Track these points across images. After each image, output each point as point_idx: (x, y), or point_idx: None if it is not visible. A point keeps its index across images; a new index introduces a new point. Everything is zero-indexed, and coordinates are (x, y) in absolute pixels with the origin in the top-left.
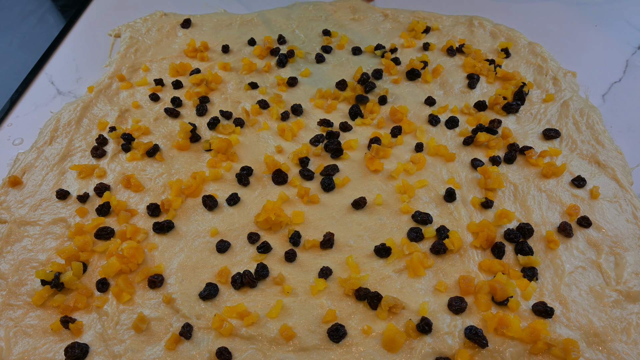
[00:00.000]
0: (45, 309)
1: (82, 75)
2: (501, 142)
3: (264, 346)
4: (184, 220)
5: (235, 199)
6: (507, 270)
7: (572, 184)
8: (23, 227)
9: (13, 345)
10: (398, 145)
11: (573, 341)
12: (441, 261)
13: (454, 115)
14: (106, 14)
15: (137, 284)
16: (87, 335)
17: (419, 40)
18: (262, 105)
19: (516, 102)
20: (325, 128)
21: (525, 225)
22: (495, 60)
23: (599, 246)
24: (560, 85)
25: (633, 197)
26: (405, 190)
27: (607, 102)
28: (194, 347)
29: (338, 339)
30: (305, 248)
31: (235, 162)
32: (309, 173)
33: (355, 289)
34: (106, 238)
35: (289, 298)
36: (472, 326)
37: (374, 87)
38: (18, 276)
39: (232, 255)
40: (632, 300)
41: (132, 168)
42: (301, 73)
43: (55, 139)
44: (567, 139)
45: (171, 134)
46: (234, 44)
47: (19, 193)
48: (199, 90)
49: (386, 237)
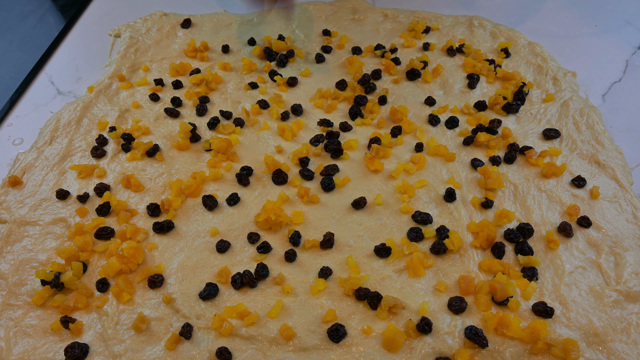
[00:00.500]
0: (45, 309)
1: (82, 75)
2: (501, 142)
3: (264, 346)
4: (184, 220)
5: (235, 199)
6: (507, 270)
7: (572, 184)
8: (23, 227)
9: (13, 345)
10: (398, 145)
11: (573, 341)
12: (441, 261)
13: (454, 115)
14: (106, 14)
15: (137, 284)
16: (87, 335)
17: (419, 40)
18: (262, 105)
19: (516, 102)
20: (325, 128)
21: (525, 225)
22: (495, 60)
23: (599, 246)
24: (560, 85)
25: (633, 197)
26: (405, 190)
27: (607, 102)
28: (194, 347)
29: (338, 339)
30: (305, 248)
31: (235, 162)
32: (309, 173)
33: (355, 289)
34: (106, 238)
35: (289, 298)
36: (472, 326)
37: (374, 88)
38: (18, 276)
39: (232, 255)
40: (632, 300)
41: (132, 168)
42: (301, 73)
43: (55, 139)
44: (567, 139)
45: (171, 134)
46: (234, 44)
47: (19, 193)
48: (199, 90)
49: (386, 237)
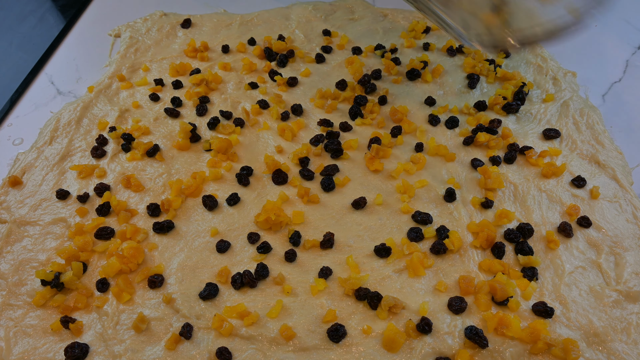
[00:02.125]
0: (45, 309)
1: (82, 75)
2: (501, 142)
3: (264, 346)
4: (184, 220)
5: (235, 199)
6: (507, 270)
7: (572, 184)
8: (23, 227)
9: (13, 345)
10: (398, 145)
11: (573, 341)
12: (441, 261)
13: (454, 115)
14: (106, 14)
15: (137, 284)
16: (87, 335)
17: (419, 40)
18: (262, 105)
19: (516, 102)
20: (325, 128)
21: (525, 225)
22: (495, 60)
23: (599, 246)
24: (560, 85)
25: (633, 197)
26: (405, 190)
27: (607, 102)
28: (194, 347)
29: (338, 339)
30: (305, 248)
31: (235, 162)
32: (309, 173)
33: (355, 289)
34: (106, 238)
35: (289, 298)
36: (472, 326)
37: (374, 88)
38: (18, 276)
39: (232, 255)
40: (632, 300)
41: (132, 168)
42: (301, 73)
43: (55, 139)
44: (567, 139)
45: (171, 134)
46: (234, 44)
47: (19, 193)
48: (199, 90)
49: (386, 237)
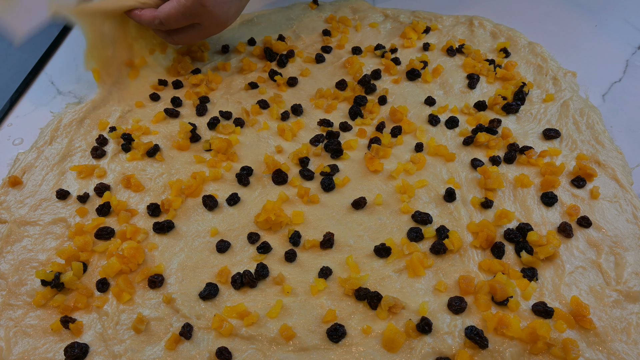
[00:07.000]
0: (45, 309)
1: (82, 76)
2: (501, 142)
3: (264, 346)
4: (184, 220)
5: (235, 199)
6: (507, 270)
7: (572, 184)
8: (23, 227)
9: (13, 345)
10: (398, 145)
11: (573, 341)
12: (441, 261)
13: (454, 115)
14: None
15: (137, 284)
16: (87, 335)
17: (419, 40)
18: (262, 105)
19: (516, 102)
20: (325, 128)
21: (525, 225)
22: (495, 60)
23: (599, 246)
24: (560, 85)
25: (633, 197)
26: (405, 190)
27: (607, 102)
28: (194, 347)
29: (337, 338)
30: (305, 248)
31: (235, 162)
32: (309, 173)
33: (355, 289)
34: (106, 238)
35: (289, 298)
36: (472, 326)
37: (374, 88)
38: (18, 276)
39: (232, 255)
40: (632, 300)
41: (132, 168)
42: (301, 73)
43: (55, 139)
44: (567, 139)
45: (171, 134)
46: (233, 44)
47: (19, 193)
48: (199, 90)
49: (386, 237)
